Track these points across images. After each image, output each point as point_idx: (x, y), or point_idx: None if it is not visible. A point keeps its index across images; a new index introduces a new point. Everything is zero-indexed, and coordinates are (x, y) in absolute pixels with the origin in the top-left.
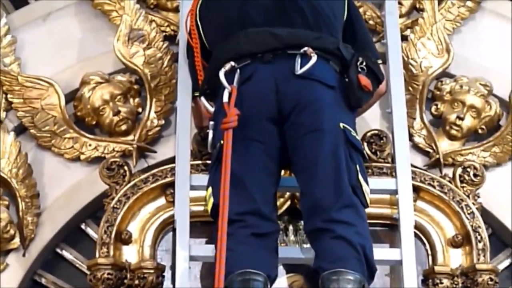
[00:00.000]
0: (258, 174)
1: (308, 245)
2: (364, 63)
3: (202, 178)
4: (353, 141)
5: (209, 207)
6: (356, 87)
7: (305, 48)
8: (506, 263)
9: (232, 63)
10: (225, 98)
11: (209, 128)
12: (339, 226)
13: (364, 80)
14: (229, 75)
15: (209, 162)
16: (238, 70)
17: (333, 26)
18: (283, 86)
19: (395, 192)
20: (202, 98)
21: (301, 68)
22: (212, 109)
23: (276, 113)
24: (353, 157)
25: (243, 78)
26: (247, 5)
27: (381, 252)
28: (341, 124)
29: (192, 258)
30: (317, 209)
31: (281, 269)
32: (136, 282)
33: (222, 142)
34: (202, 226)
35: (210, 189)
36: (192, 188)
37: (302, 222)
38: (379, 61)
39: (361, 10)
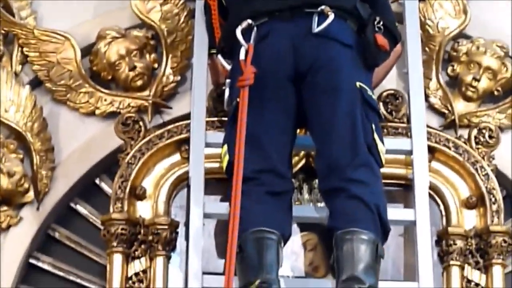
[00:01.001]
0: (274, 132)
1: (323, 204)
2: (382, 23)
3: (218, 136)
4: (369, 100)
5: (224, 165)
6: (373, 46)
7: (322, 7)
8: None
9: (249, 21)
10: (242, 56)
11: (225, 86)
12: (355, 185)
13: (381, 39)
14: (246, 33)
15: (224, 119)
16: (255, 28)
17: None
18: (300, 44)
19: (410, 152)
20: (219, 56)
21: (318, 26)
22: (228, 67)
23: (293, 72)
24: (369, 117)
25: (260, 36)
26: None
27: (395, 212)
28: (358, 83)
29: (206, 216)
30: (333, 168)
31: (295, 227)
32: (150, 238)
33: (238, 100)
34: (217, 183)
35: (225, 146)
36: (207, 145)
37: (316, 180)
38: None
39: None
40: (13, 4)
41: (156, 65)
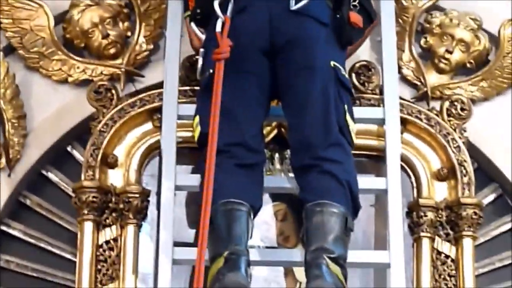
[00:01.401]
0: (248, 105)
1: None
2: (357, 0)
3: (190, 108)
4: (343, 79)
5: (196, 136)
6: (346, 24)
7: None
8: (491, 197)
9: None
10: (218, 28)
11: (199, 55)
12: (327, 163)
13: (354, 17)
14: (223, 5)
15: (197, 88)
16: (232, 0)
17: None
18: (277, 20)
19: (382, 121)
20: (192, 24)
21: (296, 3)
22: (202, 36)
23: (269, 47)
24: (342, 96)
25: (237, 9)
26: None
27: (367, 181)
28: (332, 63)
29: (177, 188)
30: (305, 146)
31: (266, 197)
32: (121, 206)
33: (211, 71)
34: (189, 152)
35: (197, 117)
36: (180, 118)
37: (288, 151)
38: None
39: None
40: None
41: (129, 33)
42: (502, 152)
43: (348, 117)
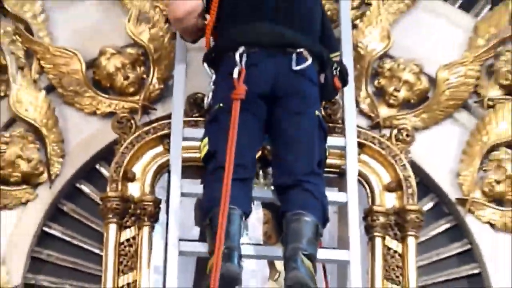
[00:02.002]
0: (248, 136)
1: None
2: (338, 68)
3: (193, 131)
4: (323, 126)
5: (203, 153)
6: (331, 89)
7: (301, 50)
8: (430, 205)
9: (243, 47)
10: (235, 75)
11: (208, 89)
12: (306, 184)
13: (338, 83)
14: (233, 58)
15: (197, 119)
16: (246, 55)
17: (318, 30)
18: (281, 76)
19: (344, 148)
20: (205, 64)
21: (297, 65)
22: (211, 74)
23: (270, 95)
24: (322, 139)
25: (250, 62)
26: None
27: (331, 195)
28: (317, 112)
29: (182, 195)
30: (288, 172)
31: (253, 205)
32: (138, 211)
33: (221, 105)
34: (191, 169)
35: (206, 139)
36: (185, 139)
37: (270, 169)
38: (338, 53)
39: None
40: (33, 26)
41: (145, 76)
42: (438, 169)
43: (327, 154)
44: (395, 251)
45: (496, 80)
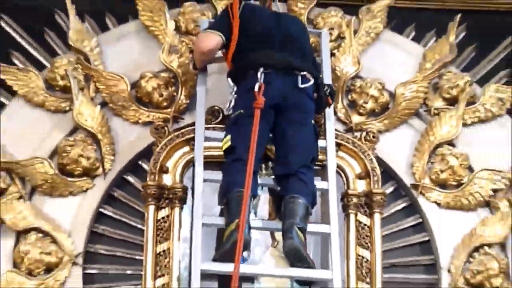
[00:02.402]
0: (261, 137)
1: (273, 176)
2: (328, 90)
3: (212, 134)
4: (317, 131)
5: (224, 147)
6: (324, 105)
7: (305, 73)
8: (391, 189)
9: (262, 69)
10: (256, 88)
11: (231, 97)
12: (301, 175)
13: (329, 101)
14: (256, 74)
15: (215, 125)
16: (263, 74)
17: (311, 58)
18: (288, 92)
19: (325, 148)
20: (229, 79)
21: (302, 84)
22: (232, 86)
23: (277, 106)
24: (315, 141)
25: (265, 80)
26: (270, 32)
27: (317, 183)
28: (312, 121)
29: (205, 181)
30: (288, 165)
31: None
32: (171, 196)
33: (242, 111)
34: (211, 163)
35: (228, 137)
36: (206, 139)
37: (270, 163)
38: (320, 75)
39: None
40: (90, 57)
41: (175, 93)
42: (397, 162)
43: (318, 152)
44: (365, 224)
45: (440, 94)
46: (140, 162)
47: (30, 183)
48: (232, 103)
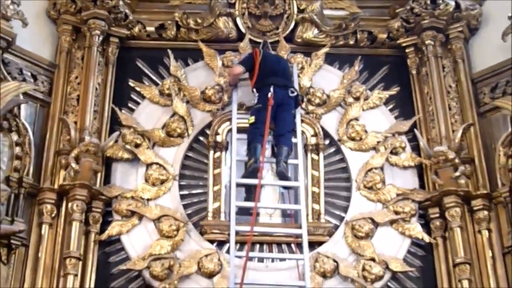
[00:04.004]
0: (270, 119)
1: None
2: (302, 98)
3: (240, 116)
4: (296, 115)
5: (250, 122)
6: (298, 104)
7: (292, 89)
8: (327, 141)
9: (272, 86)
10: (269, 95)
11: (255, 97)
12: (288, 134)
13: (300, 103)
14: (268, 89)
15: (241, 112)
16: (272, 90)
17: (292, 80)
18: (284, 97)
19: (296, 124)
20: (254, 90)
21: (291, 94)
22: (255, 94)
23: (278, 104)
24: (294, 120)
25: (273, 91)
26: (275, 68)
27: (292, 139)
28: (294, 111)
29: (238, 139)
30: (281, 130)
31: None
32: (221, 146)
33: (260, 105)
34: (240, 130)
35: (252, 117)
36: (237, 119)
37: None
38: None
39: None
40: (181, 79)
41: (222, 96)
42: (331, 128)
43: (296, 127)
44: (315, 159)
45: (350, 95)
46: (205, 130)
47: (152, 140)
48: (255, 101)
